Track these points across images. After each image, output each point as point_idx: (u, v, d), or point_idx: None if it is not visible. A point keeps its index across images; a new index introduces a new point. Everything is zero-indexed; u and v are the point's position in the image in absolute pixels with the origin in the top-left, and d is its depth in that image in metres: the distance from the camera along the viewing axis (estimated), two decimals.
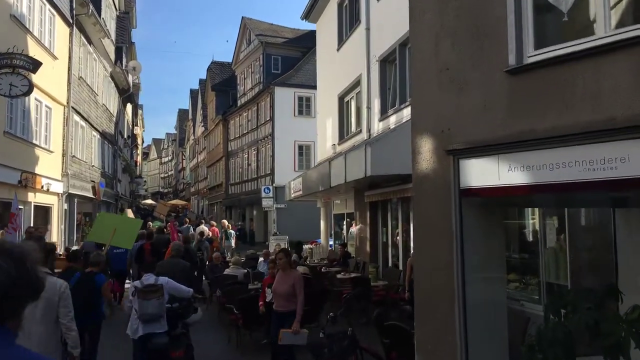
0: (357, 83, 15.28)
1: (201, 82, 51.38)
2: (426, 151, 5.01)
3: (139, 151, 64.28)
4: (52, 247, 6.86)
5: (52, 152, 16.98)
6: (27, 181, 14.42)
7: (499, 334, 5.03)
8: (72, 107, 18.96)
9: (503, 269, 5.37)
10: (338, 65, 17.22)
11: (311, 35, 25.03)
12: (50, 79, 16.49)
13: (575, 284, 6.37)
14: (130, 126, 39.24)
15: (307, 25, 24.16)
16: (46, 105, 16.49)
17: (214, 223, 28.30)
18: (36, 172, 15.45)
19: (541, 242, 7.26)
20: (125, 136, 34.66)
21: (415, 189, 5.14)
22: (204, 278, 13.91)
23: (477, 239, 4.75)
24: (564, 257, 6.74)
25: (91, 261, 7.14)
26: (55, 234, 17.63)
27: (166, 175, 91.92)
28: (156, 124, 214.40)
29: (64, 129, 18.29)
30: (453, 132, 4.74)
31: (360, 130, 14.89)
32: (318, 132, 19.95)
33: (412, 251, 11.81)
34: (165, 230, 19.50)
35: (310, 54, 29.83)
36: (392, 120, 12.53)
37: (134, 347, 6.62)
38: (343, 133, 16.89)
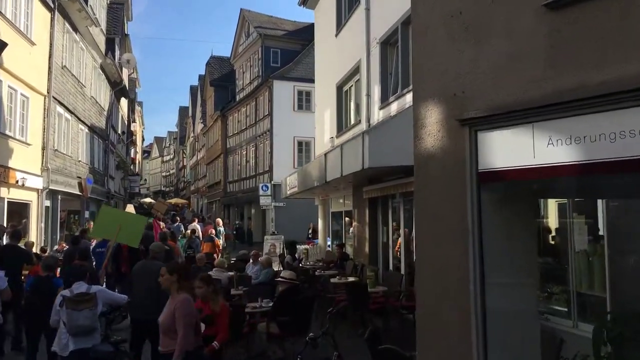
0: (356, 69, 14.06)
1: (200, 78, 50.25)
2: (432, 123, 3.78)
3: (138, 149, 63.28)
4: None
5: (29, 144, 15.80)
6: None
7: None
8: (54, 98, 17.79)
9: (534, 273, 4.13)
10: (336, 52, 16.00)
11: (312, 28, 23.81)
12: (27, 66, 15.34)
13: (616, 296, 5.13)
14: (126, 122, 38.09)
15: (307, 18, 23.19)
16: (22, 94, 15.32)
17: (211, 222, 27.27)
18: (9, 165, 14.28)
19: (570, 244, 6.02)
20: (120, 132, 33.51)
21: (417, 173, 3.92)
22: None
23: (499, 234, 3.54)
24: (600, 263, 5.51)
25: (45, 264, 6.89)
26: (34, 233, 16.45)
27: (168, 173, 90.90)
28: (159, 122, 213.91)
29: (44, 120, 17.12)
30: (469, 95, 3.51)
31: (360, 121, 13.67)
32: (316, 126, 18.73)
33: (414, 253, 10.59)
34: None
35: (310, 46, 28.54)
36: (394, 108, 11.31)
37: None
38: (342, 125, 15.67)
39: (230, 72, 40.71)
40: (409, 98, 10.56)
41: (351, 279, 11.47)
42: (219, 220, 28.16)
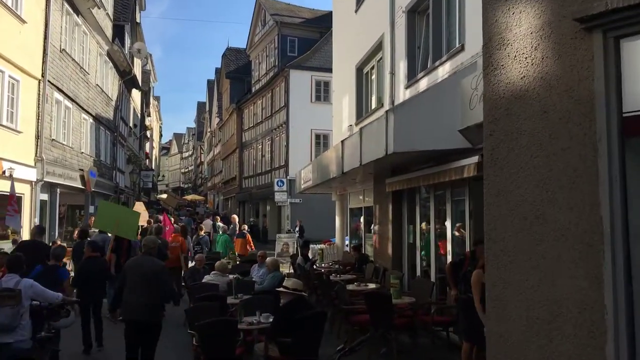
0: (378, 46, 12.38)
1: (217, 71, 48.91)
2: (521, 35, 2.14)
3: (155, 144, 62.42)
4: None
5: (19, 132, 14.43)
6: None
7: None
8: (51, 83, 16.43)
9: None
10: (356, 30, 14.33)
11: (331, 16, 22.18)
12: (16, 46, 13.95)
13: None
14: (139, 115, 36.89)
15: (326, 5, 21.52)
16: (11, 76, 13.93)
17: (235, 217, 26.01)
18: None
19: None
20: (132, 124, 32.25)
21: (489, 131, 2.26)
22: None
23: None
24: None
25: (54, 254, 7.11)
26: (27, 228, 15.08)
27: (186, 170, 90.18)
28: (182, 120, 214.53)
29: (38, 106, 15.75)
30: None
31: (382, 104, 11.99)
32: (334, 114, 17.07)
33: (449, 256, 8.87)
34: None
35: (329, 34, 26.83)
36: (423, 85, 9.61)
37: None
38: (361, 110, 14.00)
39: (247, 64, 39.27)
40: (442, 72, 8.88)
41: (371, 285, 9.82)
42: (235, 217, 26.79)
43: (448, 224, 8.86)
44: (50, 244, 12.22)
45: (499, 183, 2.20)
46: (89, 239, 11.11)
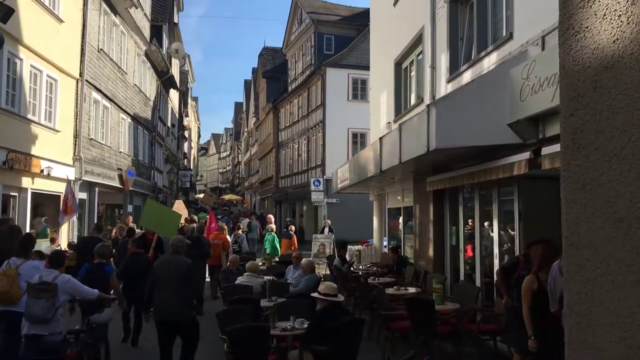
0: (418, 40, 11.87)
1: (254, 71, 48.96)
2: None
3: (194, 144, 63.10)
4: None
5: (57, 131, 14.51)
6: (14, 162, 11.91)
7: None
8: (89, 82, 16.52)
9: None
10: (394, 24, 13.85)
11: (368, 13, 21.69)
12: (54, 45, 14.02)
13: None
14: (177, 115, 37.19)
15: (364, 3, 21.01)
16: (49, 76, 14.01)
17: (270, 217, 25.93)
18: (32, 152, 12.98)
19: None
20: (169, 124, 32.49)
21: (569, 96, 1.80)
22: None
23: None
24: None
25: (98, 252, 7.38)
26: (65, 227, 15.16)
27: (224, 170, 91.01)
28: (220, 121, 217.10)
29: (76, 106, 15.84)
30: None
31: (422, 100, 11.48)
32: (371, 112, 16.60)
33: (496, 259, 8.32)
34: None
35: (366, 31, 26.33)
36: (466, 78, 9.08)
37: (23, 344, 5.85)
38: (400, 107, 13.51)
39: (283, 63, 39.11)
40: (487, 63, 8.34)
41: (411, 289, 9.35)
42: (271, 216, 26.61)
43: (495, 225, 8.31)
44: (66, 247, 12.34)
45: (584, 175, 1.76)
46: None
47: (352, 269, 12.73)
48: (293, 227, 19.10)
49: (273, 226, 18.13)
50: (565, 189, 1.93)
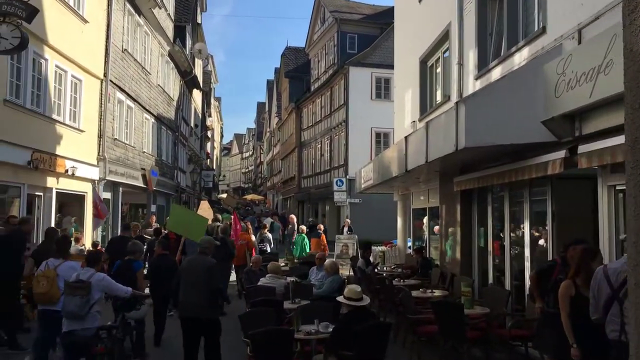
0: (444, 36, 11.60)
1: (276, 71, 48.98)
2: None
3: (216, 144, 63.43)
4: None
5: (82, 131, 14.58)
6: (39, 162, 11.97)
7: None
8: (113, 83, 16.59)
9: None
10: (420, 21, 13.58)
11: (392, 11, 21.41)
12: (79, 46, 14.08)
13: None
14: (200, 115, 37.33)
15: (387, 1, 20.75)
16: (73, 76, 14.08)
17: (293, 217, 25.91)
18: (57, 152, 13.04)
19: None
20: (193, 125, 32.60)
21: (635, 83, 1.58)
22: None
23: None
24: None
25: (129, 250, 7.84)
26: (89, 226, 15.24)
27: (247, 170, 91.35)
28: (243, 122, 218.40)
29: (100, 106, 15.91)
30: None
31: (449, 98, 11.21)
32: (395, 110, 16.35)
33: (527, 262, 8.02)
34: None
35: (390, 29, 26.05)
36: (496, 75, 8.79)
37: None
38: (425, 105, 13.23)
39: (306, 63, 39.00)
40: (518, 59, 8.06)
41: (437, 292, 9.09)
42: (293, 216, 26.53)
43: (526, 226, 8.01)
44: (90, 247, 12.42)
45: None
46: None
47: (376, 270, 12.51)
48: (322, 226, 19.01)
49: (304, 227, 18.16)
50: (634, 190, 1.71)
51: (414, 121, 13.68)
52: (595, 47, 5.34)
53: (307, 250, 16.06)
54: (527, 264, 7.92)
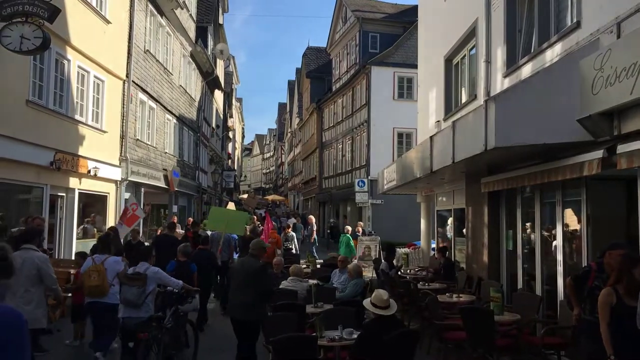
0: (471, 33, 11.30)
1: (297, 71, 48.89)
2: None
3: (238, 145, 63.65)
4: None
5: (104, 132, 14.60)
6: (62, 163, 11.98)
7: None
8: (135, 84, 16.61)
9: None
10: (445, 18, 13.28)
11: (415, 10, 21.09)
12: (101, 46, 14.10)
13: None
14: (222, 116, 37.41)
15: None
16: (96, 77, 14.10)
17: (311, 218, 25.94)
18: (79, 153, 13.06)
19: None
20: (214, 125, 32.67)
21: None
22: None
23: None
24: None
25: (183, 252, 8.86)
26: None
27: (268, 170, 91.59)
28: (264, 123, 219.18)
29: (123, 107, 15.93)
30: None
31: (475, 96, 10.91)
32: (419, 110, 16.06)
33: (560, 267, 7.70)
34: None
35: (413, 28, 25.71)
36: (526, 72, 8.48)
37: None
38: (450, 105, 12.93)
39: (327, 63, 38.82)
40: (550, 55, 7.75)
41: (464, 296, 8.82)
42: (312, 217, 26.41)
43: (558, 229, 7.69)
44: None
45: None
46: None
47: (399, 273, 12.25)
48: (360, 228, 19.26)
49: (349, 227, 18.24)
50: None
51: (438, 121, 13.39)
52: (637, 41, 5.04)
53: (354, 250, 16.18)
54: (560, 269, 7.60)
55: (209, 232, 13.29)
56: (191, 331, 7.72)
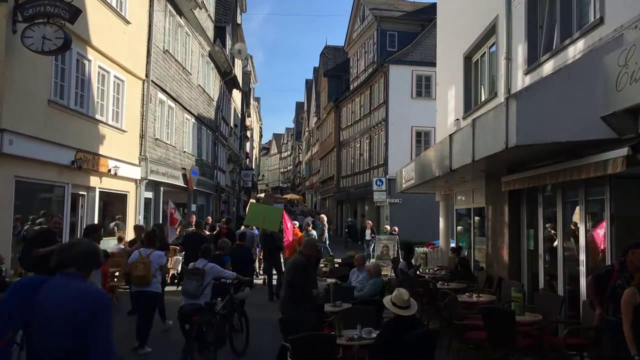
0: (490, 31, 11.17)
1: (315, 70, 48.89)
2: None
3: (255, 144, 63.85)
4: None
5: (124, 131, 14.75)
6: (83, 162, 12.13)
7: None
8: (155, 83, 16.75)
9: None
10: (465, 15, 13.16)
11: (433, 8, 20.92)
12: (121, 46, 14.25)
13: None
14: (240, 115, 37.57)
15: None
16: (116, 77, 14.25)
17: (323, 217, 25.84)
18: (100, 152, 13.21)
19: None
20: (232, 124, 32.81)
21: None
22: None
23: None
24: None
25: (219, 246, 9.42)
26: (131, 226, 15.40)
27: (285, 169, 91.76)
28: (280, 121, 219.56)
29: (142, 106, 16.08)
30: None
31: (496, 94, 10.78)
32: (437, 108, 15.94)
33: (582, 266, 7.58)
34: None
35: (432, 26, 25.54)
36: (547, 69, 8.35)
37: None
38: (470, 103, 12.80)
39: (345, 61, 38.75)
40: (572, 52, 7.63)
41: (484, 296, 8.72)
42: (323, 216, 26.35)
43: (581, 228, 7.57)
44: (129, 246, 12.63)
45: None
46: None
47: (418, 272, 12.17)
48: (396, 228, 19.58)
49: (388, 227, 18.29)
50: None
51: (457, 119, 13.28)
52: None
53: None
54: (582, 269, 7.48)
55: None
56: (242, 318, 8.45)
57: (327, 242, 23.02)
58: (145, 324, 8.11)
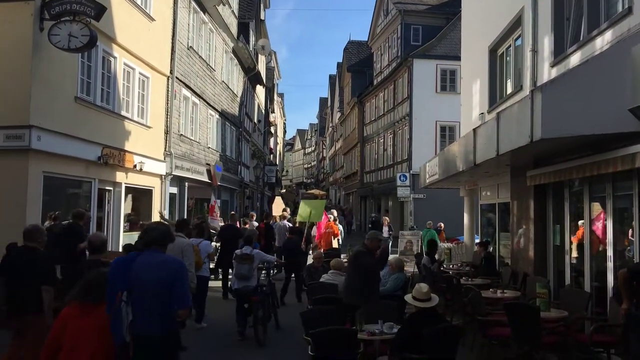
0: (516, 23, 10.98)
1: (338, 65, 48.77)
2: None
3: (279, 140, 64.06)
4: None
5: (149, 127, 14.92)
6: (109, 158, 12.32)
7: None
8: (179, 80, 16.91)
9: None
10: (489, 7, 12.97)
11: (457, 1, 20.62)
12: (146, 43, 14.40)
13: None
14: (264, 111, 37.70)
15: None
16: (141, 73, 14.41)
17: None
18: (126, 148, 13.40)
19: None
20: (256, 120, 32.96)
21: None
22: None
23: None
24: None
25: (247, 236, 10.05)
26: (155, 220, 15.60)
27: (309, 165, 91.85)
28: (305, 118, 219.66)
29: (167, 102, 16.25)
30: None
31: (521, 87, 10.60)
32: (462, 102, 15.75)
33: (609, 262, 7.41)
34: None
35: (456, 19, 25.21)
36: (574, 61, 8.17)
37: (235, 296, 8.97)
38: (495, 96, 12.61)
39: (368, 56, 38.56)
40: (600, 43, 7.45)
41: (509, 292, 8.60)
42: (334, 211, 26.31)
43: (609, 223, 7.40)
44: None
45: None
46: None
47: (442, 268, 12.08)
48: (442, 224, 19.71)
49: (430, 222, 18.31)
50: None
51: (482, 113, 13.09)
52: None
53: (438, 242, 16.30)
54: (610, 264, 7.32)
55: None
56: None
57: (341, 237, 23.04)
58: (199, 303, 9.12)
